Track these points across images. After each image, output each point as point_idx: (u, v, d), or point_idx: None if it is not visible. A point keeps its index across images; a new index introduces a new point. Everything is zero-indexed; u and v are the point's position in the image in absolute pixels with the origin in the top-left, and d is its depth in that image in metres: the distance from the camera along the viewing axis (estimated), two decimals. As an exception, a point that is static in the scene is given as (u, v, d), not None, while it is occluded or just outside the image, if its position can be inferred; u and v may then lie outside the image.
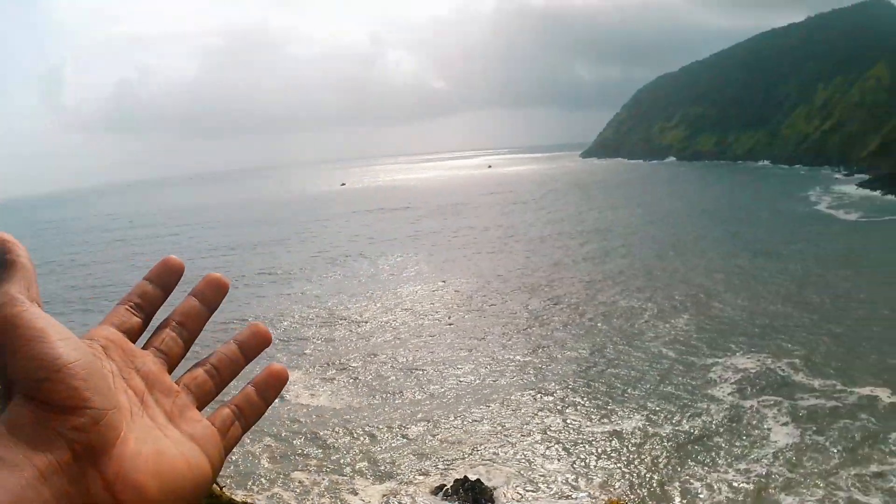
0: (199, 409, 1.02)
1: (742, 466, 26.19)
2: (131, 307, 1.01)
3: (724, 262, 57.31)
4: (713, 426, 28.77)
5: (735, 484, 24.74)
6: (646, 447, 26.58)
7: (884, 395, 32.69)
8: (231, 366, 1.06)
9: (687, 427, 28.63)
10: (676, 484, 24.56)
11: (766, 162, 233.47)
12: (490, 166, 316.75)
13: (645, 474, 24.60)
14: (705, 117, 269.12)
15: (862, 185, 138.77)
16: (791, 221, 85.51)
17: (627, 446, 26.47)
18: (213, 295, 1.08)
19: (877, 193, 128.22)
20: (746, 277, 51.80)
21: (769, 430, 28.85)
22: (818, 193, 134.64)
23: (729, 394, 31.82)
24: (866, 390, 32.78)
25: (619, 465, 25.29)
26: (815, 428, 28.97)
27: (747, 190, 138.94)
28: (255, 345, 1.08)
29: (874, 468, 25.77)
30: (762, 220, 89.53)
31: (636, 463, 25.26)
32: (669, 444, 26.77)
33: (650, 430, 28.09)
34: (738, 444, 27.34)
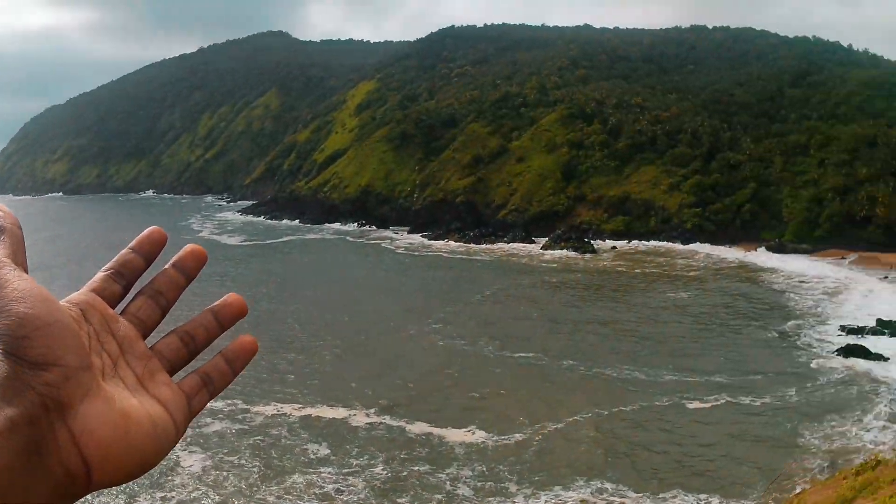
0: (171, 374, 1.05)
1: (157, 495, 25.10)
2: (113, 274, 1.05)
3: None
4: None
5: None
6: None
7: (290, 410, 34.14)
8: (205, 335, 1.10)
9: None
10: None
11: (151, 192, 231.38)
12: None
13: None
14: (88, 150, 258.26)
15: (244, 210, 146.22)
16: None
17: None
18: (191, 265, 1.11)
19: (260, 219, 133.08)
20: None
21: (178, 458, 28.24)
22: (200, 220, 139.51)
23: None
24: (270, 409, 34.07)
25: None
26: (226, 450, 29.14)
27: (133, 220, 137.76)
28: (230, 315, 1.11)
29: (295, 477, 29.54)
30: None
31: None
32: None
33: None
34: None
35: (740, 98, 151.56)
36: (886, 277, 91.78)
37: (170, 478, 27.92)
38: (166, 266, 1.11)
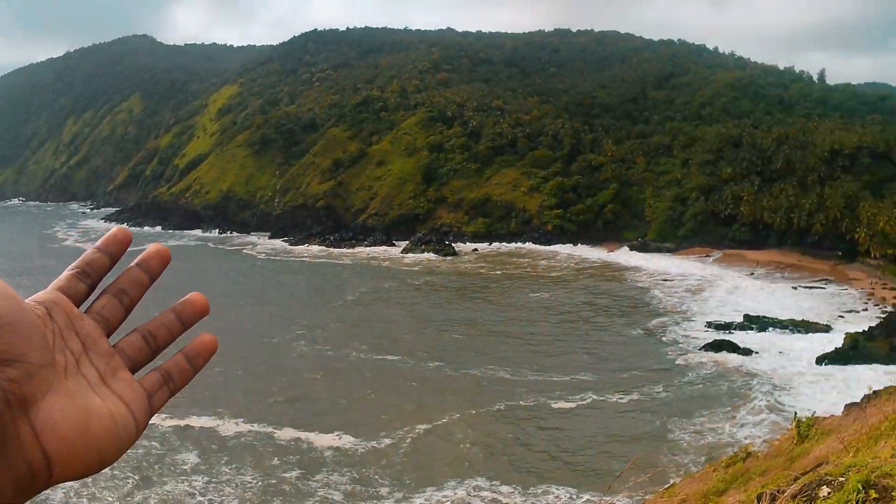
0: (133, 371, 1.07)
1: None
2: (78, 274, 1.06)
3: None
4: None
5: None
6: None
7: (159, 420, 34.06)
8: (167, 333, 1.11)
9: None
10: None
11: (17, 200, 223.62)
12: None
13: None
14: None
15: (108, 217, 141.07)
16: None
17: None
18: (155, 265, 1.12)
19: (123, 226, 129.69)
20: None
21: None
22: (65, 228, 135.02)
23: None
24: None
25: None
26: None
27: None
28: (192, 314, 1.12)
29: (168, 487, 29.96)
30: None
31: None
32: None
33: None
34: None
35: (603, 100, 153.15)
36: (753, 273, 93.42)
37: (47, 492, 27.35)
38: (131, 265, 1.12)
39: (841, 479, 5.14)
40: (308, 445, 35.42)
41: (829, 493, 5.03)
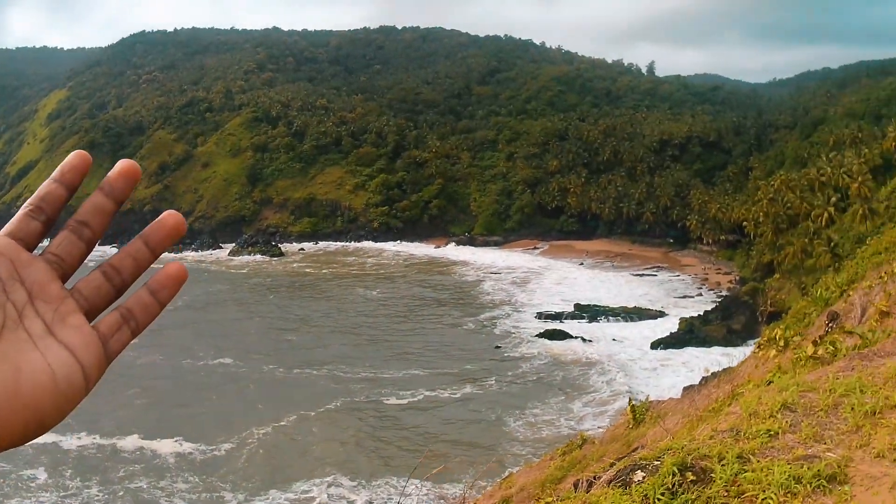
0: (96, 314, 0.95)
1: None
2: (31, 211, 0.92)
3: None
4: None
5: None
6: None
7: None
8: (133, 264, 0.97)
9: None
10: None
11: None
12: None
13: None
14: None
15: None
16: None
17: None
18: (121, 186, 0.94)
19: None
20: None
21: None
22: None
23: None
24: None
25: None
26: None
27: None
28: (162, 237, 0.97)
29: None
30: None
31: None
32: None
33: None
34: None
35: (427, 96, 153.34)
36: (582, 263, 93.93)
37: None
38: (91, 194, 0.96)
39: (656, 462, 5.07)
40: (152, 453, 35.79)
41: (643, 478, 4.91)
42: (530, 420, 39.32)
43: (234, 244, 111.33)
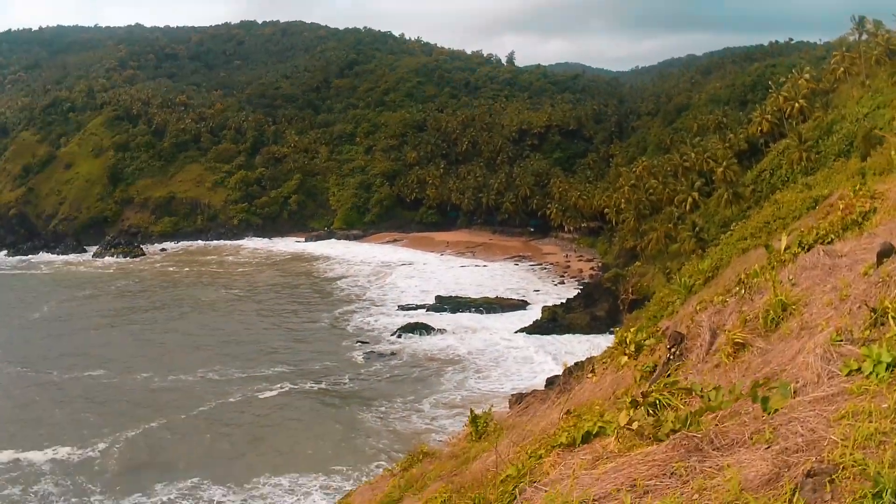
0: None
1: None
2: None
3: None
4: None
5: None
6: None
7: None
8: None
9: None
10: None
11: None
12: None
13: None
14: None
15: None
16: None
17: None
18: None
19: None
20: None
21: None
22: None
23: None
24: None
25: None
26: None
27: None
28: None
29: None
30: None
31: None
32: None
33: None
34: None
35: (286, 91, 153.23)
36: (442, 255, 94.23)
37: None
38: None
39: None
40: (27, 462, 37.11)
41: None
42: (382, 418, 40.61)
43: (97, 246, 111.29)
